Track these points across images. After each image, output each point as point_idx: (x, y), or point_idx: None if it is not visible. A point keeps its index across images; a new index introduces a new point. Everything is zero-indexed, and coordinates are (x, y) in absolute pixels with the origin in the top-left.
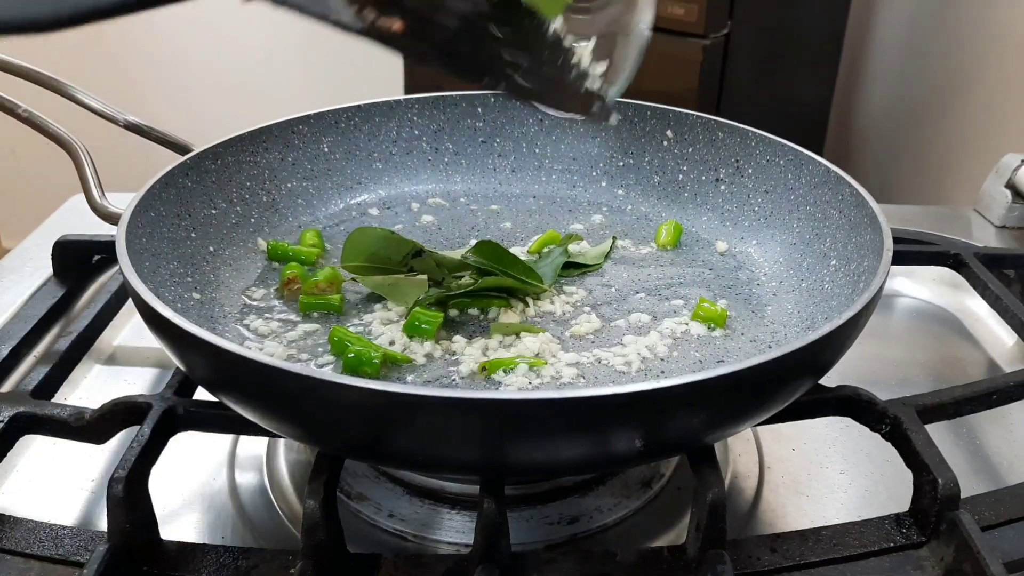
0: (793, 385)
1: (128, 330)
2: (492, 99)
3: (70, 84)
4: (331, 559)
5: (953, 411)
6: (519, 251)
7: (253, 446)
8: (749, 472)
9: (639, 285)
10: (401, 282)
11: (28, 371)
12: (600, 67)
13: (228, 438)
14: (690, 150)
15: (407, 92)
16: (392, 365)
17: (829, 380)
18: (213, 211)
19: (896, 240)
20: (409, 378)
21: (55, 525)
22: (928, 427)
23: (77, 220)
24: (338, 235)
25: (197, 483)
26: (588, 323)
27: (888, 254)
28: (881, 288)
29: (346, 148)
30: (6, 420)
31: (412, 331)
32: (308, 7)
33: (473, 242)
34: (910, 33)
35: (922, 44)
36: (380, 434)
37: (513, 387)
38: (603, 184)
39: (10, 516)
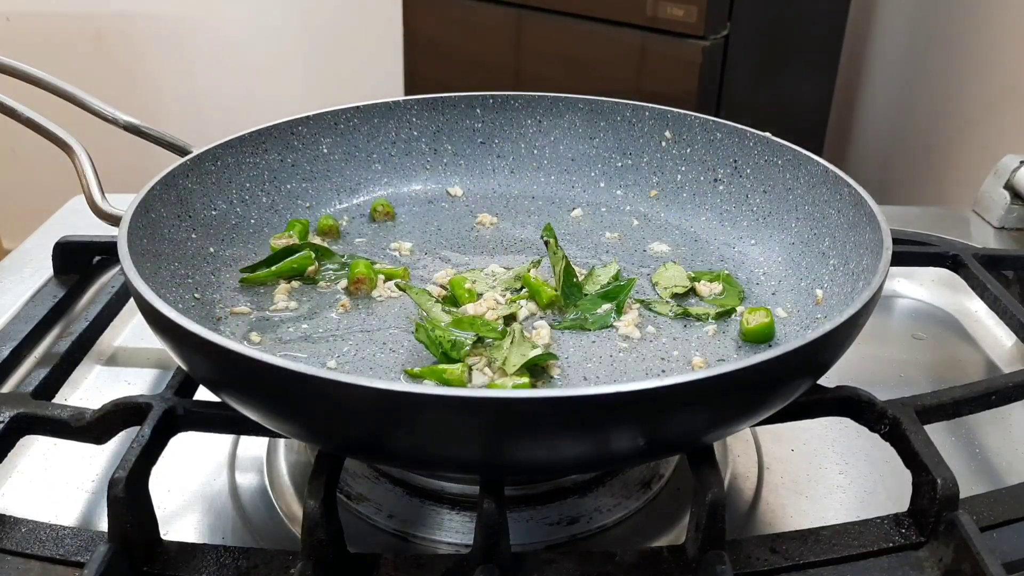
0: (792, 385)
1: (129, 331)
2: (491, 100)
3: (70, 85)
4: (331, 559)
5: (952, 411)
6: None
7: (253, 447)
8: (748, 472)
9: (639, 284)
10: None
11: (29, 372)
12: None
13: (228, 439)
14: (688, 150)
15: (407, 93)
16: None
17: (828, 380)
18: (213, 212)
19: (895, 241)
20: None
21: (56, 525)
22: (927, 427)
23: (78, 221)
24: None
25: (197, 484)
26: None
27: (887, 253)
28: (880, 287)
29: (345, 149)
30: (7, 421)
31: None
32: None
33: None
34: (910, 33)
35: (922, 44)
36: (381, 433)
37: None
38: (601, 185)
39: (10, 516)
